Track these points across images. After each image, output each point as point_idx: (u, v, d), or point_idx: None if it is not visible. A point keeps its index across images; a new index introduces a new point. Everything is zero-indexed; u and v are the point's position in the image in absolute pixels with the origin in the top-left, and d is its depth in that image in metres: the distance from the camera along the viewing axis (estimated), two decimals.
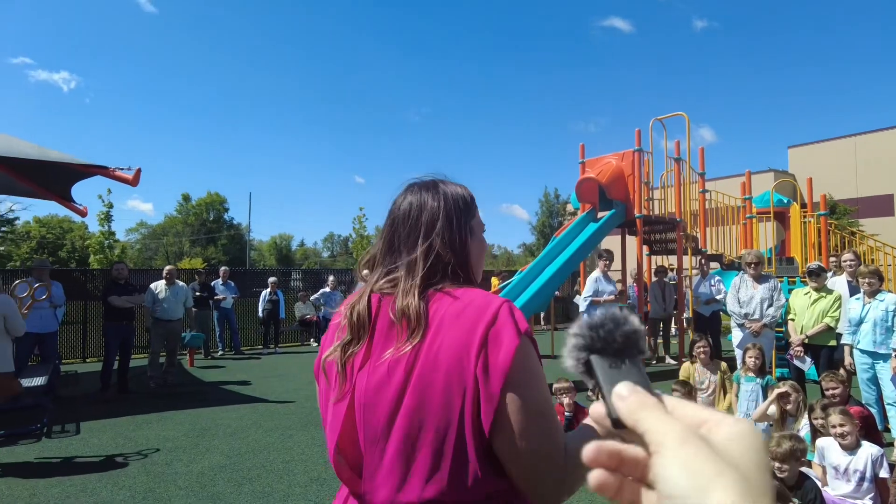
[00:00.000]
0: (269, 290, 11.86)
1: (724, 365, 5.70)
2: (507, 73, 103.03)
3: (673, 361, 9.75)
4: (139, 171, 6.68)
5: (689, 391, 5.01)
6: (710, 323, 8.80)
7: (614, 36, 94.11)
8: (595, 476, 0.39)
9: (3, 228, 30.35)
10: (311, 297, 12.52)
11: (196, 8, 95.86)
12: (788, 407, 4.15)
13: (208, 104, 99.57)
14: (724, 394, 5.53)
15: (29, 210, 60.02)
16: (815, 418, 3.91)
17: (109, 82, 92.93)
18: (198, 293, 10.74)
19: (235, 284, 11.89)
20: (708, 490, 0.33)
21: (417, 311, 0.99)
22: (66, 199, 9.27)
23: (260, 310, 11.92)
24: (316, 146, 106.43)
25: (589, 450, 0.39)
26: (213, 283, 11.30)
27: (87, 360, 10.93)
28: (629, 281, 10.39)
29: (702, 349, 5.70)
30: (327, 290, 12.11)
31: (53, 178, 8.51)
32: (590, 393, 0.36)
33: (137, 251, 51.47)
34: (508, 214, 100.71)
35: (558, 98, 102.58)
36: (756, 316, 6.02)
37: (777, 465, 2.97)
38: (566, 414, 4.67)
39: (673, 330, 10.64)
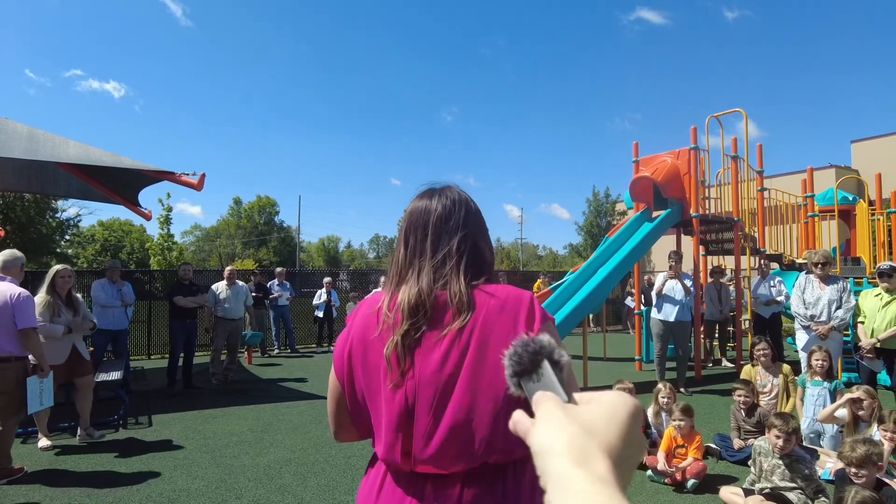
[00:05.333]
0: (324, 289, 12.16)
1: (786, 368, 5.54)
2: (537, 71, 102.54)
3: (730, 364, 9.50)
4: (203, 176, 6.95)
5: (751, 390, 4.91)
6: (770, 325, 8.54)
7: (645, 27, 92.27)
8: (512, 420, 0.54)
9: (71, 231, 31.99)
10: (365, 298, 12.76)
11: (229, 19, 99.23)
12: (861, 413, 4.01)
13: (254, 110, 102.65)
14: (788, 397, 5.37)
15: (94, 214, 63.27)
16: (885, 430, 3.76)
17: (156, 91, 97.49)
18: (253, 293, 11.13)
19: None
20: (553, 442, 0.46)
21: (468, 298, 1.15)
22: (133, 204, 9.77)
23: (316, 309, 12.27)
24: (356, 150, 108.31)
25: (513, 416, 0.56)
26: (269, 284, 11.69)
27: (152, 357, 11.46)
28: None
29: (762, 352, 5.56)
30: (379, 289, 12.32)
31: (125, 184, 8.98)
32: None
33: (192, 253, 53.40)
34: (548, 214, 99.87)
35: (591, 97, 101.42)
36: (823, 318, 5.81)
37: (853, 470, 2.89)
38: None
39: (729, 332, 10.36)
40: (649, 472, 4.37)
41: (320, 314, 12.28)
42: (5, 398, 4.39)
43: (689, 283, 7.45)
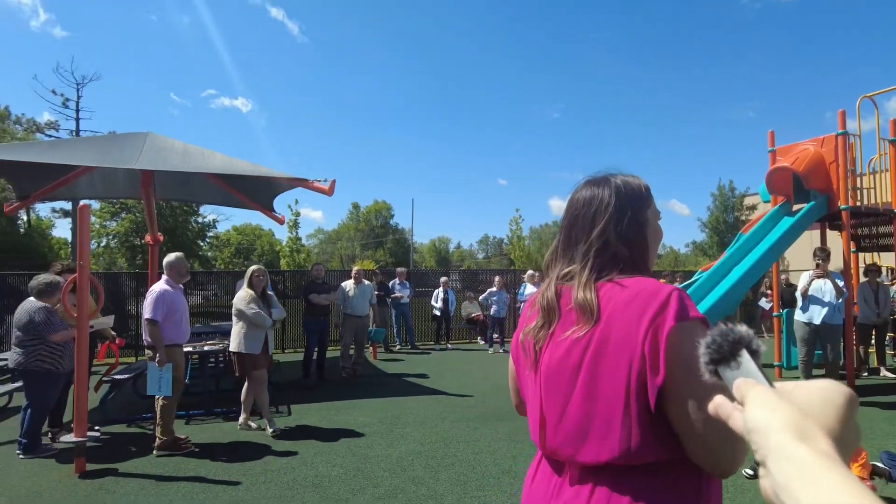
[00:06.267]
0: (441, 288, 12.45)
1: None
2: (648, 62, 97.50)
3: (890, 374, 8.48)
4: (334, 182, 7.37)
5: None
6: None
7: (766, 4, 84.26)
8: (714, 403, 0.59)
9: (210, 235, 35.34)
10: (480, 298, 12.89)
11: (340, 33, 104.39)
12: None
13: (367, 117, 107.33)
14: None
15: (229, 220, 69.22)
16: None
17: (278, 104, 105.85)
18: (377, 292, 11.65)
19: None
20: (770, 419, 0.48)
21: (590, 302, 1.11)
22: (268, 210, 10.57)
23: (434, 307, 12.59)
24: (464, 152, 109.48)
25: (714, 400, 0.59)
26: (391, 283, 12.16)
27: (286, 351, 12.33)
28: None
29: None
30: (494, 289, 12.39)
31: (261, 191, 9.75)
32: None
33: (316, 255, 56.88)
34: (666, 210, 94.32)
35: (709, 85, 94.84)
36: None
37: None
38: None
39: (888, 338, 9.24)
40: None
41: (438, 312, 12.57)
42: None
43: (840, 282, 6.74)
